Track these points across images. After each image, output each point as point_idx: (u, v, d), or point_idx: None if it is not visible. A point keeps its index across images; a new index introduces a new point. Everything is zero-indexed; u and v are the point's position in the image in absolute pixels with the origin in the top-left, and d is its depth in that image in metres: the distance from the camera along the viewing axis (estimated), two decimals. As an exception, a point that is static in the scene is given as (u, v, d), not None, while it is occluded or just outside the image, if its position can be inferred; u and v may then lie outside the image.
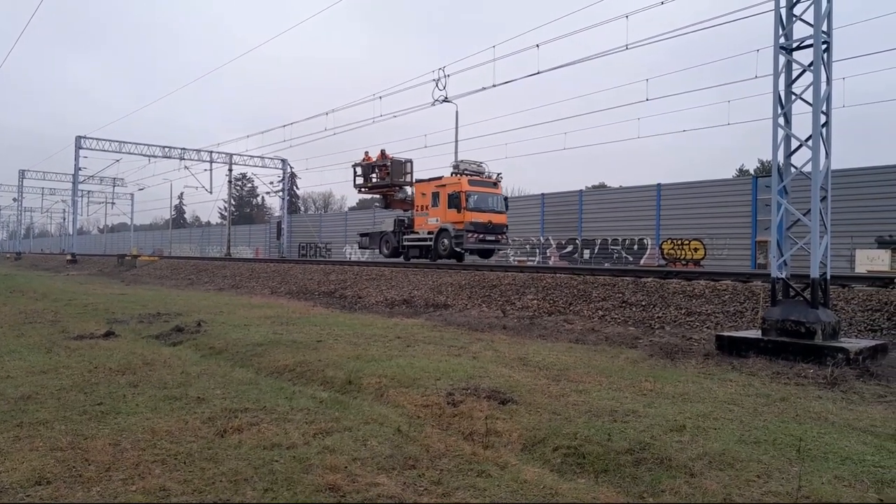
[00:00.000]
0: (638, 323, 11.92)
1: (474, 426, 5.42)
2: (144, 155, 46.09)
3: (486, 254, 25.62)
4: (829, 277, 8.95)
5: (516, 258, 31.26)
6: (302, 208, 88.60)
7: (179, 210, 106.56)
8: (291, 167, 52.93)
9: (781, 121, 9.09)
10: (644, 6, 17.98)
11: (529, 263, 28.31)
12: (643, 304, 12.72)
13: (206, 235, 65.39)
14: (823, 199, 8.77)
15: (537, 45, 20.47)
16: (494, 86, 22.39)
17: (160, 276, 31.76)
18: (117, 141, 45.07)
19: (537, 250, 31.25)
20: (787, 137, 9.12)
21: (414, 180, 27.00)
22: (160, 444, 4.79)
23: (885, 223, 20.43)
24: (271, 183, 51.97)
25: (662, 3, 17.17)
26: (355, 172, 28.43)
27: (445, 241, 24.25)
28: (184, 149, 46.77)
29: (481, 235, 23.89)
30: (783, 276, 9.07)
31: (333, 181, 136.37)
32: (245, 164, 50.45)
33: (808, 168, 8.85)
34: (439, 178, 25.69)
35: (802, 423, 5.33)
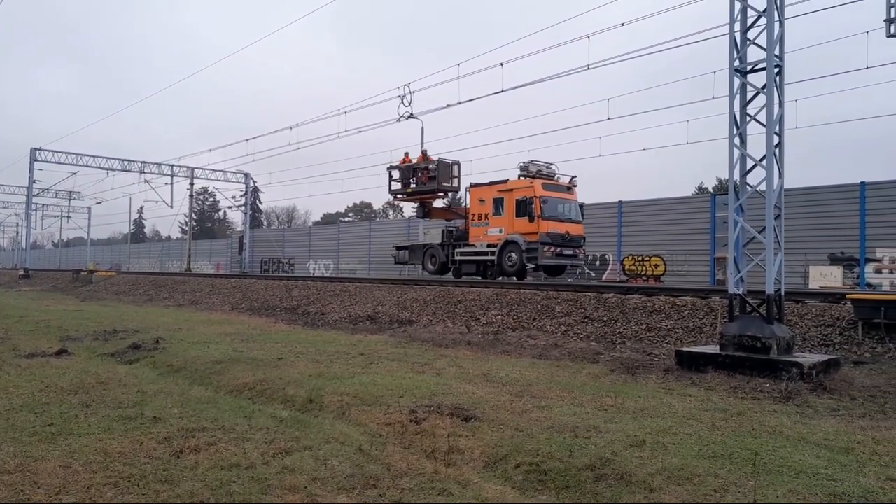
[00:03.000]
0: (600, 338, 12.04)
1: (437, 444, 5.39)
2: (102, 168, 45.13)
3: (557, 270, 22.07)
4: (783, 293, 9.18)
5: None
6: (265, 223, 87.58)
7: (139, 224, 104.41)
8: (254, 181, 52.48)
9: (737, 141, 9.34)
10: (605, 27, 18.38)
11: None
12: (605, 319, 12.87)
13: (166, 250, 64.16)
14: (777, 217, 9.01)
15: (501, 64, 20.69)
16: (459, 103, 22.49)
17: (117, 292, 31.01)
18: (74, 153, 44.09)
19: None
20: (743, 157, 9.37)
21: (470, 184, 23.25)
22: (113, 465, 4.65)
23: (836, 240, 21.07)
24: (234, 197, 51.43)
25: (623, 24, 17.56)
26: (391, 176, 24.71)
27: (514, 255, 20.49)
28: (144, 162, 45.96)
29: (558, 249, 20.28)
30: (740, 292, 9.27)
31: (297, 196, 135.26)
32: (207, 178, 49.74)
33: (762, 187, 9.10)
34: (504, 181, 21.88)
35: (758, 438, 5.44)
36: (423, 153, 24.04)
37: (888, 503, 4.07)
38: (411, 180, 23.98)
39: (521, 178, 21.53)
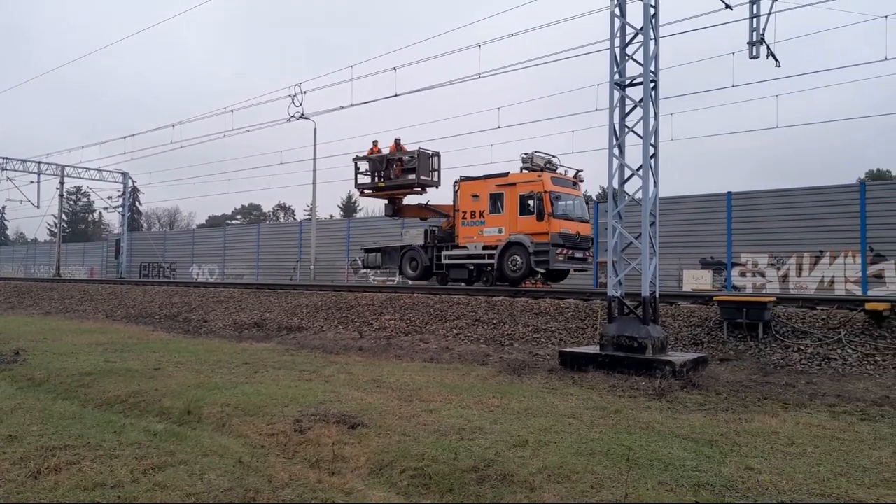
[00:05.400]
0: (489, 340, 12.27)
1: (321, 453, 5.28)
2: (-43, 164, 41.01)
3: (562, 275, 19.69)
4: (657, 296, 9.73)
5: (376, 279, 31.12)
6: (145, 225, 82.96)
7: (0, 226, 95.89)
8: (133, 181, 49.52)
9: (616, 151, 9.81)
10: (497, 37, 18.79)
11: (389, 284, 28.30)
12: (494, 322, 13.12)
13: (32, 254, 59.23)
14: (652, 223, 9.54)
15: (395, 68, 20.68)
16: (353, 105, 22.21)
17: (-26, 300, 28.32)
18: (-78, 147, 39.78)
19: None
20: (622, 167, 9.85)
21: (460, 178, 20.26)
22: (-43, 492, 4.21)
23: (708, 246, 22.60)
24: (110, 198, 48.16)
25: (513, 35, 18.03)
26: (357, 168, 21.71)
27: (518, 258, 17.87)
28: (5, 158, 42.15)
29: (569, 251, 17.93)
30: (619, 294, 9.73)
31: (181, 197, 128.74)
32: (80, 177, 46.34)
33: (639, 195, 9.61)
34: (504, 174, 19.14)
35: (633, 433, 5.70)
36: (397, 142, 21.47)
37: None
38: (382, 173, 21.23)
39: (525, 171, 19.07)
